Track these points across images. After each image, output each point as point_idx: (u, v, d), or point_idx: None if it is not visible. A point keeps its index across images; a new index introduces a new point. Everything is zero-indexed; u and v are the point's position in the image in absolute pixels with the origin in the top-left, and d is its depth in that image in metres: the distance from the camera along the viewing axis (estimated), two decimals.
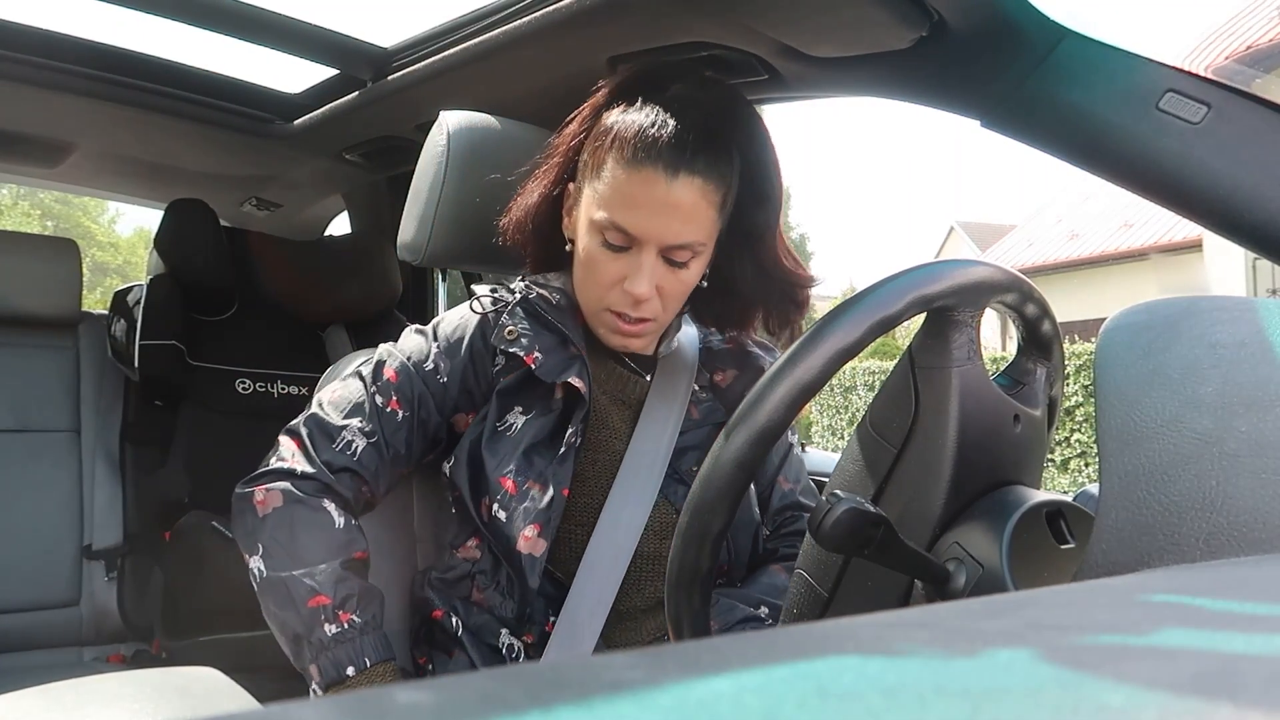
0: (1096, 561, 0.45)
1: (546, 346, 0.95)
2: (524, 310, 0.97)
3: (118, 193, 2.35)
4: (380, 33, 3.48)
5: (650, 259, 0.89)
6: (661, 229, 0.87)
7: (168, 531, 1.85)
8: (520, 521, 0.91)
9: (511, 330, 0.95)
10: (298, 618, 0.88)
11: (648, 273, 0.89)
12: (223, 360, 1.97)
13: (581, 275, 0.94)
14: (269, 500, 0.91)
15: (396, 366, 0.97)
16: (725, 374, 1.04)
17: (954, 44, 0.90)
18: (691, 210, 0.87)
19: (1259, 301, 0.50)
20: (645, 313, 0.92)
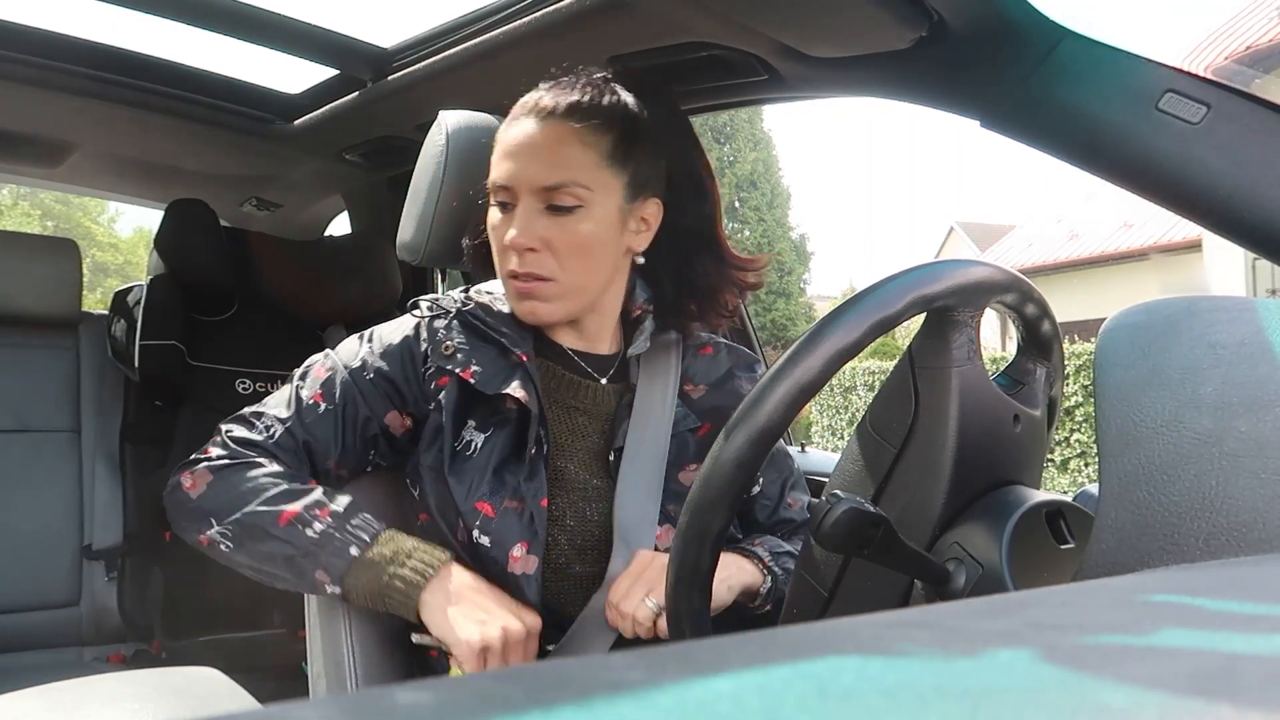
0: (1096, 561, 0.45)
1: (486, 358, 0.93)
2: (461, 323, 0.95)
3: (118, 193, 2.36)
4: (380, 33, 3.49)
5: (526, 205, 0.88)
6: (527, 170, 0.88)
7: (168, 531, 1.84)
8: (507, 543, 0.89)
9: (448, 345, 0.93)
10: (278, 542, 0.86)
11: (520, 218, 0.88)
12: (223, 360, 1.97)
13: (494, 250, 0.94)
14: (197, 480, 0.91)
15: (325, 365, 0.96)
16: (697, 387, 1.01)
17: (954, 44, 0.90)
18: (558, 148, 0.88)
19: (1259, 301, 0.51)
20: (533, 267, 0.89)
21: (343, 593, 0.87)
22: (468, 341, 0.94)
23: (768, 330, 16.50)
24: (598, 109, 0.89)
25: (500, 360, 0.93)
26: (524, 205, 0.89)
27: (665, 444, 0.95)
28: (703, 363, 1.03)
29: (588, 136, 0.88)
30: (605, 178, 0.89)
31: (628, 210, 0.92)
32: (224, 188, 2.15)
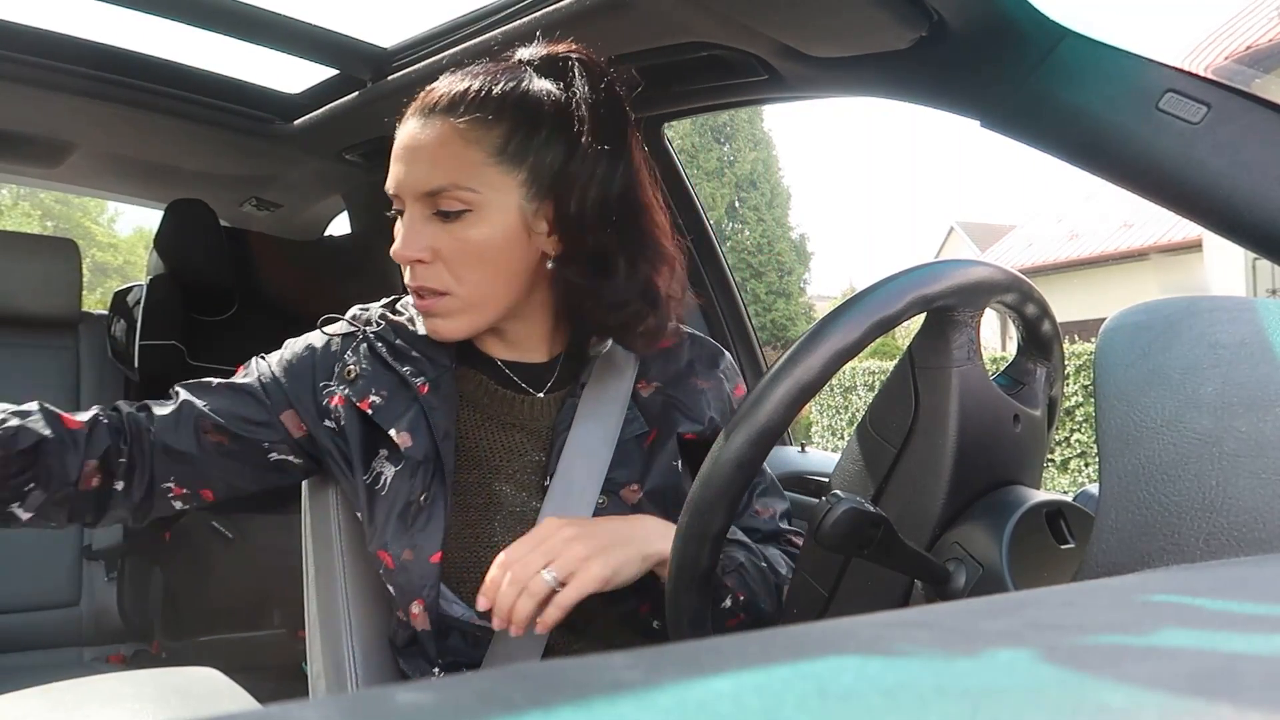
0: (1096, 561, 0.45)
1: (388, 386, 0.86)
2: (369, 345, 0.88)
3: (118, 193, 2.35)
4: (380, 33, 3.48)
5: (412, 213, 0.81)
6: (410, 174, 0.80)
7: (168, 532, 1.85)
8: (408, 597, 0.83)
9: (350, 370, 0.87)
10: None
11: (407, 228, 0.81)
12: (223, 360, 1.97)
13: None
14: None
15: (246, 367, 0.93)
16: (649, 384, 0.91)
17: (954, 44, 0.90)
18: (439, 147, 0.79)
19: (1259, 301, 0.50)
20: (426, 280, 0.81)
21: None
22: (371, 367, 0.87)
23: (768, 330, 16.51)
24: (484, 99, 0.79)
25: (401, 392, 0.86)
26: (410, 213, 0.81)
27: (606, 460, 0.85)
28: (660, 357, 0.92)
29: (472, 132, 0.79)
30: (495, 176, 0.79)
31: (531, 210, 0.81)
32: (224, 188, 2.15)
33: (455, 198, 0.79)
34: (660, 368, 0.93)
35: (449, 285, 0.81)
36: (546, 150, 0.80)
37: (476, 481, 0.87)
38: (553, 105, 0.81)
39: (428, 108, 0.81)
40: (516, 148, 0.80)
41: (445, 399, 0.86)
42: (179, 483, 0.87)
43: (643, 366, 0.92)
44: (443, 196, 0.79)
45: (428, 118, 0.80)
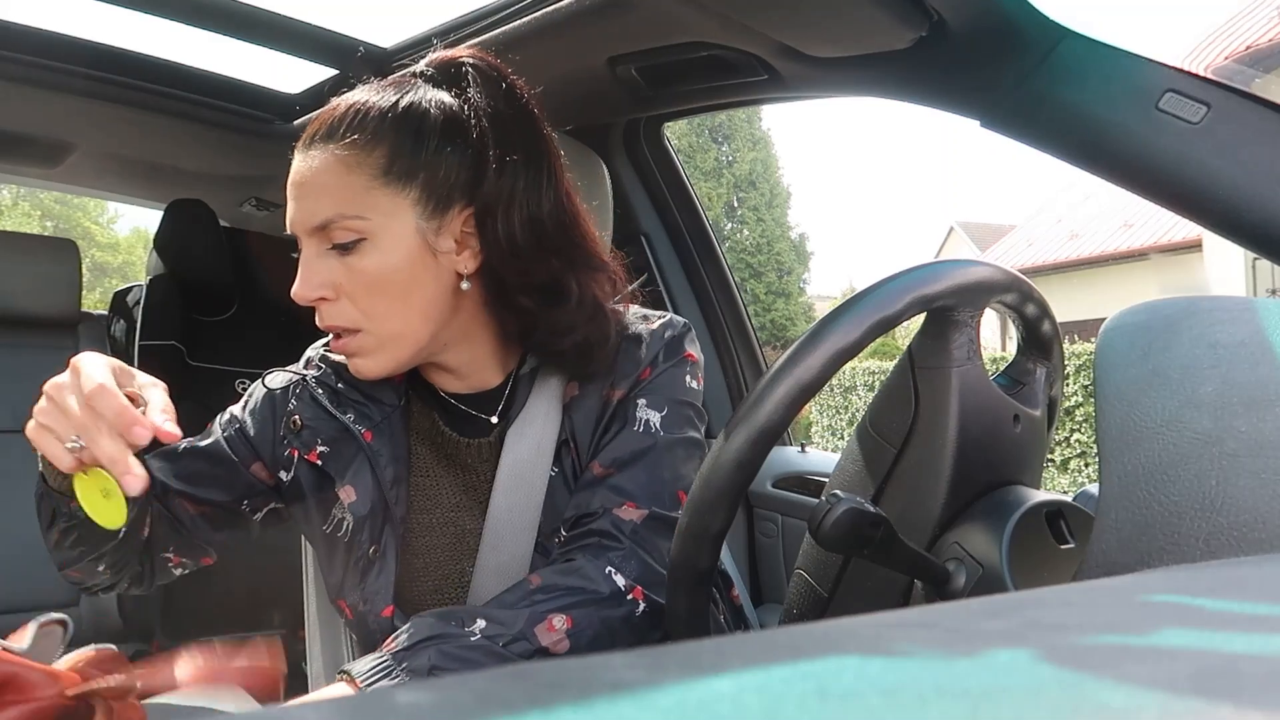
0: (1096, 561, 0.45)
1: (330, 436, 0.82)
2: (310, 394, 0.84)
3: (118, 193, 2.36)
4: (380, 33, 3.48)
5: (308, 252, 0.76)
6: (297, 210, 0.75)
7: None
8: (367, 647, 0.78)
9: (296, 420, 0.84)
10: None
11: (304, 266, 0.75)
12: (222, 361, 1.97)
13: None
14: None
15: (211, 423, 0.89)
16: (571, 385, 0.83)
17: (953, 44, 0.90)
18: (319, 179, 0.74)
19: (1259, 301, 0.50)
20: (334, 319, 0.76)
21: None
22: (314, 415, 0.83)
23: (767, 330, 16.51)
24: (362, 120, 0.75)
25: (345, 439, 0.82)
26: (306, 251, 0.76)
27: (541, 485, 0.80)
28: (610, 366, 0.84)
29: (352, 157, 0.74)
30: (383, 199, 0.74)
31: (432, 229, 0.75)
32: (223, 188, 2.15)
33: (345, 228, 0.73)
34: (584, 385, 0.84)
35: (358, 321, 0.75)
36: (438, 163, 0.74)
37: (439, 521, 0.83)
38: (442, 114, 0.75)
39: (309, 139, 0.77)
40: (403, 166, 0.74)
41: (393, 442, 0.82)
42: (177, 552, 0.88)
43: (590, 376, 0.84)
44: (333, 229, 0.74)
45: (309, 149, 0.76)
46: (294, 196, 0.76)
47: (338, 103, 0.79)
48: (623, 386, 0.82)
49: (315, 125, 0.77)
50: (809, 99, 1.16)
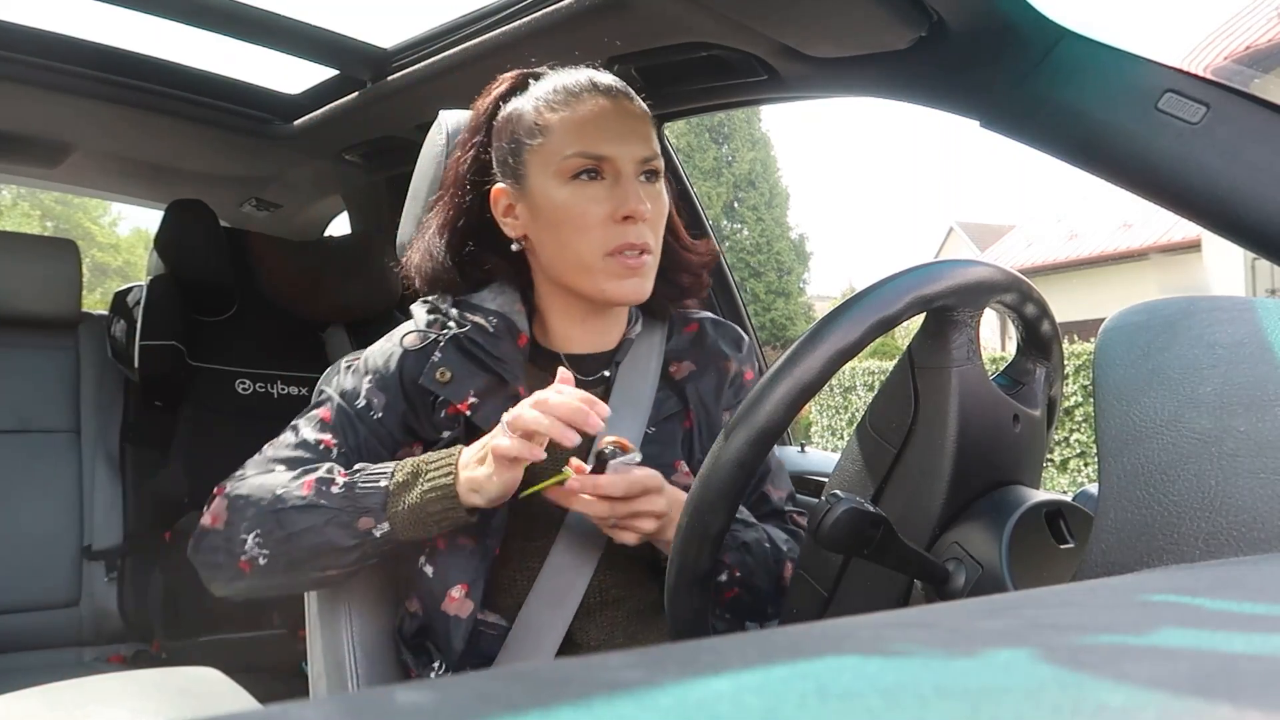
0: (1096, 561, 0.45)
1: (482, 389, 0.88)
2: (456, 345, 0.89)
3: (118, 193, 2.36)
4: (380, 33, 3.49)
5: (630, 177, 0.86)
6: (627, 136, 0.86)
7: (168, 532, 1.85)
8: (449, 580, 0.86)
9: (444, 372, 0.88)
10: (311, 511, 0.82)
11: (634, 188, 0.85)
12: (223, 360, 1.97)
13: (565, 238, 0.87)
14: (215, 510, 0.87)
15: (331, 407, 0.91)
16: (681, 365, 0.96)
17: (953, 44, 0.90)
18: (642, 124, 0.88)
19: (1258, 301, 0.51)
20: (641, 237, 0.85)
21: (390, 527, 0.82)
22: (464, 369, 0.89)
23: (767, 330, 16.51)
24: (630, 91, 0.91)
25: (497, 392, 0.88)
26: (626, 175, 0.86)
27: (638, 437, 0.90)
28: (686, 340, 0.98)
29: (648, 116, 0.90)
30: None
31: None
32: (224, 188, 2.15)
33: (657, 165, 0.88)
34: (689, 350, 0.97)
35: (650, 245, 0.87)
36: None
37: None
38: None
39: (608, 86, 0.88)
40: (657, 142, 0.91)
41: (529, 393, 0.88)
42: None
43: (673, 350, 0.97)
44: (653, 160, 0.87)
45: (615, 98, 0.88)
46: (626, 126, 0.87)
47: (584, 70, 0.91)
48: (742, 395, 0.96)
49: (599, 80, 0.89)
50: (809, 99, 1.16)
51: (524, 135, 0.88)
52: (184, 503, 1.87)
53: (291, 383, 2.03)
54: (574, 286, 0.89)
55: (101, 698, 0.91)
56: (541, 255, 0.90)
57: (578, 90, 0.88)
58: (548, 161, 0.87)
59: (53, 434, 1.83)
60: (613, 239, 0.85)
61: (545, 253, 0.90)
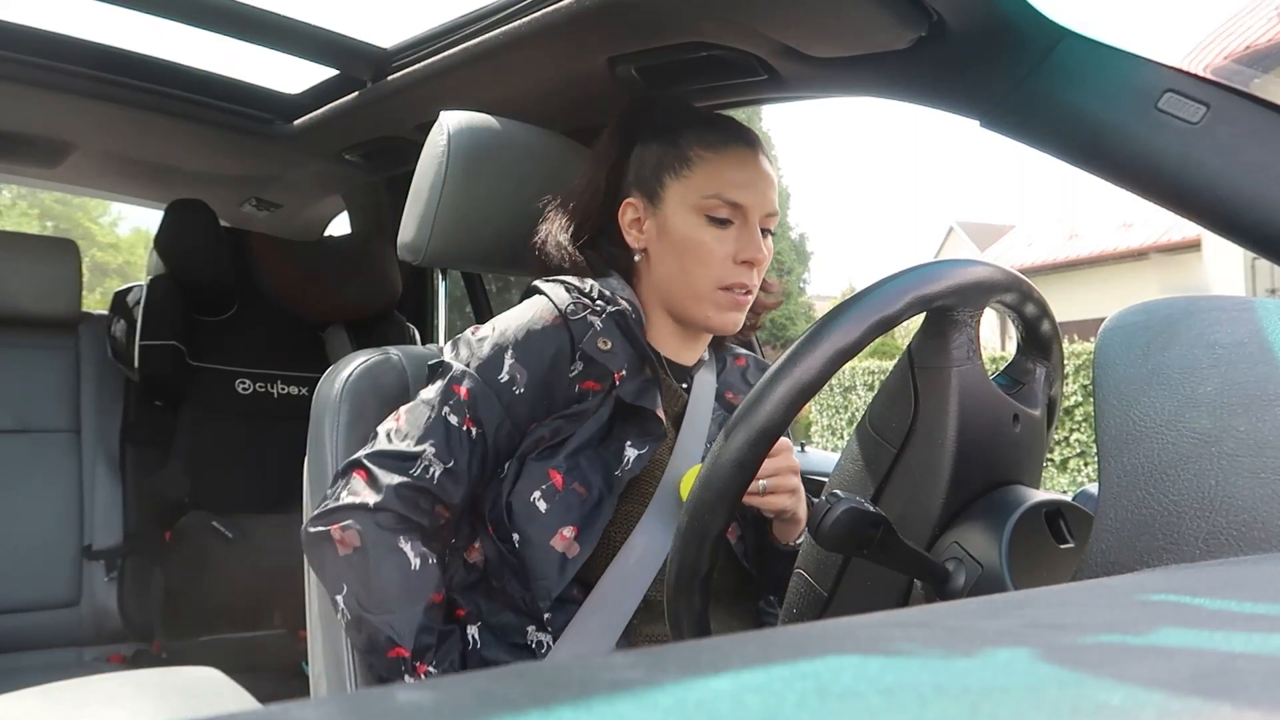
0: (1096, 561, 0.45)
1: (630, 364, 0.95)
2: (614, 321, 0.96)
3: (118, 193, 2.36)
4: (380, 33, 3.48)
5: (756, 227, 0.96)
6: (761, 196, 0.97)
7: (168, 531, 1.85)
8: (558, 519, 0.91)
9: (605, 341, 0.94)
10: (381, 663, 0.89)
11: (758, 237, 0.96)
12: (223, 360, 1.97)
13: (685, 265, 0.97)
14: (347, 539, 0.89)
15: (469, 384, 0.93)
16: (737, 396, 1.07)
17: (953, 44, 0.90)
18: (771, 180, 0.98)
19: (1258, 301, 0.51)
20: (752, 280, 0.97)
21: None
22: (619, 341, 0.96)
23: (767, 330, 16.47)
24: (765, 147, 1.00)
25: (639, 371, 0.96)
26: (753, 222, 0.96)
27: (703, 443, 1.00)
28: (737, 373, 1.09)
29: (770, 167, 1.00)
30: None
31: None
32: (224, 188, 2.15)
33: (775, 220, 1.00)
34: (740, 382, 1.09)
35: (755, 286, 0.99)
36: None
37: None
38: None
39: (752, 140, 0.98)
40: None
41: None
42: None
43: (726, 380, 1.08)
44: (773, 217, 0.99)
45: (760, 153, 0.98)
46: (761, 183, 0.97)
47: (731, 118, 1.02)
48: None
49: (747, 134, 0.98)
50: (809, 99, 1.16)
51: (671, 162, 0.97)
52: (184, 502, 1.87)
53: (291, 382, 2.03)
54: (679, 307, 0.99)
55: (101, 698, 0.91)
56: (657, 271, 1.00)
57: (730, 137, 0.97)
58: (688, 194, 0.96)
59: (53, 434, 1.83)
60: (729, 276, 0.96)
61: (662, 270, 0.99)
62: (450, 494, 0.92)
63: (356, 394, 1.03)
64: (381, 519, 0.89)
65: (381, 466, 0.91)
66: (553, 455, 0.93)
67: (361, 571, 0.88)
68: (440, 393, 0.93)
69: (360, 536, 0.89)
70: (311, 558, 0.93)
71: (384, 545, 0.89)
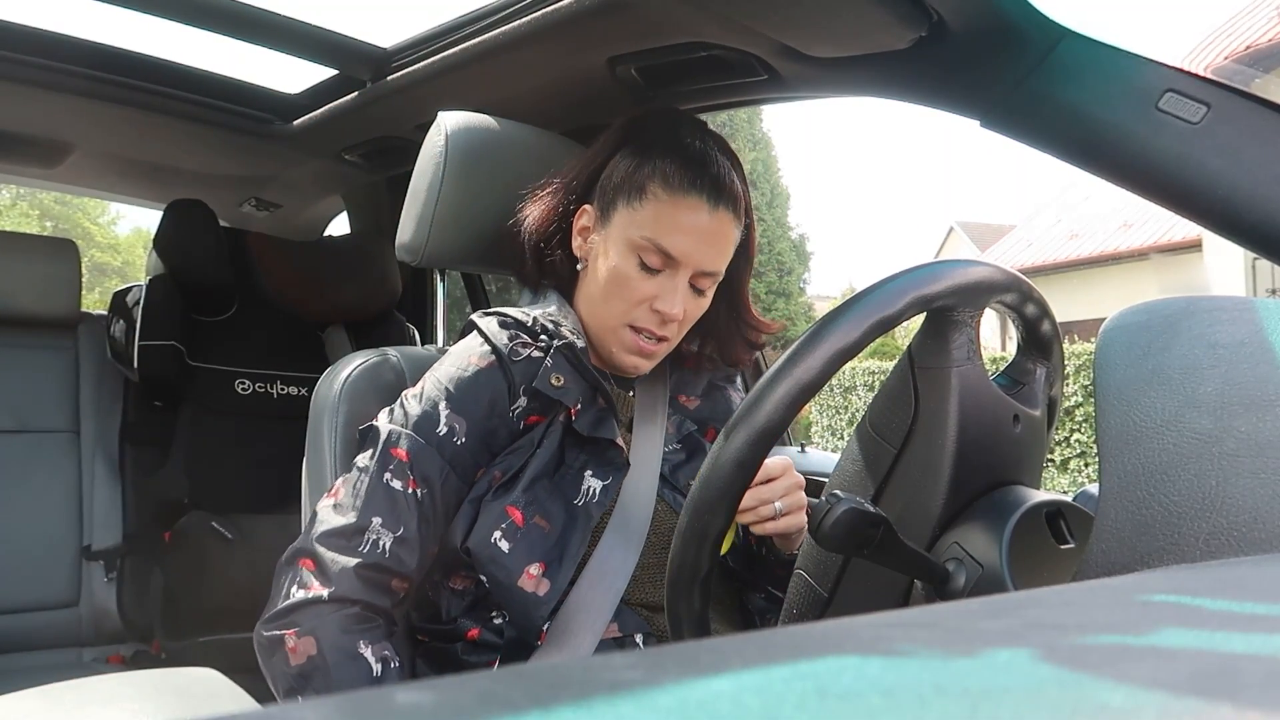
0: (1096, 561, 0.45)
1: (583, 396, 0.93)
2: (562, 355, 0.93)
3: (117, 193, 2.35)
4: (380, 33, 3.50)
5: (684, 281, 0.92)
6: (701, 255, 0.92)
7: (168, 532, 1.85)
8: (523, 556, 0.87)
9: (558, 377, 0.92)
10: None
11: (681, 294, 0.92)
12: (222, 361, 1.97)
13: (605, 293, 0.94)
14: (301, 648, 0.83)
15: (407, 445, 0.89)
16: (691, 399, 1.05)
17: (953, 44, 0.90)
18: (724, 241, 0.94)
19: (1258, 301, 0.50)
20: (668, 332, 0.94)
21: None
22: (571, 375, 0.93)
23: None
24: (733, 194, 0.93)
25: (593, 402, 0.94)
26: (682, 279, 0.93)
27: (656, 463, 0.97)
28: (688, 375, 1.07)
29: (735, 233, 0.95)
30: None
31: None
32: (223, 188, 2.14)
33: (714, 278, 0.95)
34: (691, 383, 1.07)
35: (674, 335, 0.96)
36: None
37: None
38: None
39: (718, 193, 0.91)
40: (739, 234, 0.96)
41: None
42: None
43: (677, 383, 1.05)
44: (709, 277, 0.94)
45: (716, 209, 0.92)
46: (704, 242, 0.92)
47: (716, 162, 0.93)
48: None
49: (721, 184, 0.92)
50: (809, 99, 1.16)
51: (628, 188, 0.94)
52: (184, 502, 1.87)
53: (291, 383, 2.03)
54: (593, 331, 0.97)
55: (101, 698, 0.91)
56: (589, 286, 0.97)
57: (692, 186, 0.91)
58: (629, 227, 0.93)
59: (52, 434, 1.83)
60: (640, 319, 0.93)
61: (592, 286, 0.96)
62: (405, 564, 0.87)
63: (355, 394, 1.03)
64: (339, 618, 0.83)
65: (329, 549, 0.85)
66: (508, 491, 0.90)
67: (318, 682, 0.82)
68: (378, 459, 0.89)
69: (316, 644, 0.82)
70: (264, 663, 0.86)
71: (343, 651, 0.83)
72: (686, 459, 1.01)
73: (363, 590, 0.85)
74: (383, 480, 0.88)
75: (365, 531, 0.86)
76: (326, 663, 0.82)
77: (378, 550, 0.85)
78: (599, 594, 0.90)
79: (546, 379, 0.91)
